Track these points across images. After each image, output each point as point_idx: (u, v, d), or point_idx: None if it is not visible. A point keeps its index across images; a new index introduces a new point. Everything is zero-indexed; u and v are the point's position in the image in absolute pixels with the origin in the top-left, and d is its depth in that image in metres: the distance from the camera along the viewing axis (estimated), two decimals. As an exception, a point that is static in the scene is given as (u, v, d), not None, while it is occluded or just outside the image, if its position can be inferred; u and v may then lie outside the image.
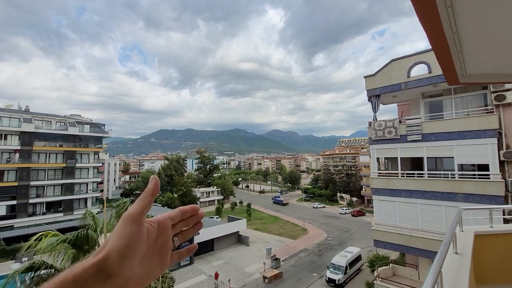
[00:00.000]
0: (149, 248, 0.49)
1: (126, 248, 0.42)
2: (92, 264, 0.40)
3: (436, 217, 12.45)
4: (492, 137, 11.45)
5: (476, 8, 1.71)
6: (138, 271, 0.45)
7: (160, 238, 0.51)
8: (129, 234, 0.43)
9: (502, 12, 1.73)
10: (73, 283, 0.38)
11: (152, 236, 0.49)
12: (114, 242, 0.42)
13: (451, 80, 2.77)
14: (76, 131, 42.23)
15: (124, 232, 0.43)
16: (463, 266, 2.26)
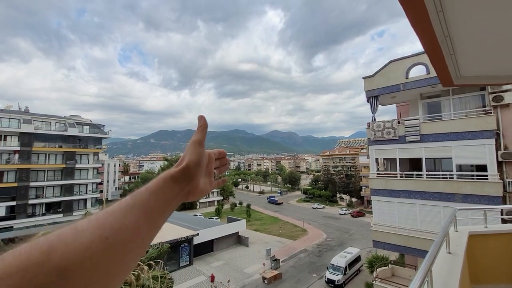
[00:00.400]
0: (205, 169, 0.66)
1: (198, 160, 0.60)
2: (181, 168, 0.57)
3: (434, 218, 12.48)
4: (490, 138, 11.50)
5: (466, 12, 1.74)
6: (201, 181, 0.63)
7: (209, 165, 0.69)
8: (199, 152, 0.62)
9: (492, 15, 1.77)
10: (171, 179, 0.56)
11: (206, 160, 0.66)
12: (190, 156, 0.60)
13: (445, 82, 2.82)
14: (75, 132, 42.25)
15: (196, 150, 0.61)
16: (455, 266, 2.29)
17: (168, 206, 0.54)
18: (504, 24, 1.82)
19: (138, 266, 6.59)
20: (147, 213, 0.47)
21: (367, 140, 15.58)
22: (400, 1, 1.46)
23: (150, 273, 5.98)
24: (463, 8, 1.68)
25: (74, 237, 0.36)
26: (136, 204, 0.47)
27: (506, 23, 1.82)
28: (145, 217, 0.47)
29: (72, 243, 0.34)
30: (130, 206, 0.46)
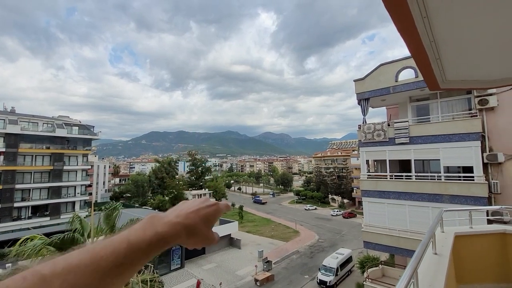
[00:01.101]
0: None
1: (193, 225, 0.56)
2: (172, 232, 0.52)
3: (423, 218, 12.72)
4: (476, 140, 11.82)
5: (450, 18, 1.78)
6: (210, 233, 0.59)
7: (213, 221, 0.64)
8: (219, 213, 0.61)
9: (475, 22, 1.81)
10: (161, 244, 0.51)
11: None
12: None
13: (432, 86, 2.88)
14: (64, 133, 41.27)
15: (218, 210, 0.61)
16: (441, 266, 2.34)
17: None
18: (487, 31, 1.88)
19: (127, 270, 6.46)
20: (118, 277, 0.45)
21: (358, 142, 15.79)
22: (386, 8, 1.48)
23: (139, 277, 5.85)
24: (447, 14, 1.72)
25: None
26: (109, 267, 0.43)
27: (488, 30, 1.87)
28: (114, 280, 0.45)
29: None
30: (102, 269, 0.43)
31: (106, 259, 0.43)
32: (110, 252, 0.44)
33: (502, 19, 1.71)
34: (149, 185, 75.04)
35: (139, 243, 0.48)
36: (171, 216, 0.55)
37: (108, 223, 7.35)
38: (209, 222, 0.59)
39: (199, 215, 0.57)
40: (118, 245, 0.46)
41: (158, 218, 0.54)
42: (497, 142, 11.85)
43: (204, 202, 0.60)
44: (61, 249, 5.95)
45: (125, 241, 0.47)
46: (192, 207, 0.58)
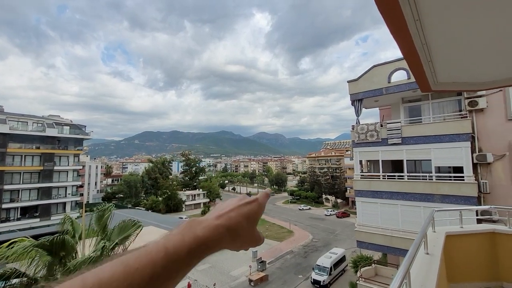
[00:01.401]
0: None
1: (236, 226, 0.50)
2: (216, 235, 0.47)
3: (415, 218, 12.90)
4: (466, 140, 12.05)
5: (442, 21, 1.81)
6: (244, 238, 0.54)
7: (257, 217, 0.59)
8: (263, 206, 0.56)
9: (466, 25, 1.84)
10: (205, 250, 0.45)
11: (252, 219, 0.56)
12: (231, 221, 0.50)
13: (423, 87, 2.92)
14: (54, 133, 40.48)
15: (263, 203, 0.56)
16: (433, 266, 2.37)
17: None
18: (477, 34, 1.91)
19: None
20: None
21: (352, 142, 15.93)
22: (379, 10, 1.49)
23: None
24: (439, 17, 1.74)
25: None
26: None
27: (478, 33, 1.90)
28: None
29: None
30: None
31: (142, 271, 0.37)
32: (146, 263, 0.38)
33: (492, 23, 1.73)
34: (142, 185, 74.30)
35: (178, 251, 0.41)
36: (211, 219, 0.49)
37: (100, 225, 7.24)
38: (253, 220, 0.53)
39: (241, 214, 0.51)
40: (154, 254, 0.39)
41: (197, 222, 0.47)
42: (486, 142, 12.11)
43: (243, 199, 0.55)
44: (50, 251, 5.82)
45: (163, 250, 0.40)
46: (232, 206, 0.53)
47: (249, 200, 0.55)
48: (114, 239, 7.37)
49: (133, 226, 7.82)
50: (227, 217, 0.50)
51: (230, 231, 0.49)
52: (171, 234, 0.45)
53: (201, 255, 0.44)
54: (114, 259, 0.38)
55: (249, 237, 0.53)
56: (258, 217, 0.55)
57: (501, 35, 1.90)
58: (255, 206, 0.54)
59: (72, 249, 5.99)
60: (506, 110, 11.71)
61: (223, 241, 0.48)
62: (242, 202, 0.54)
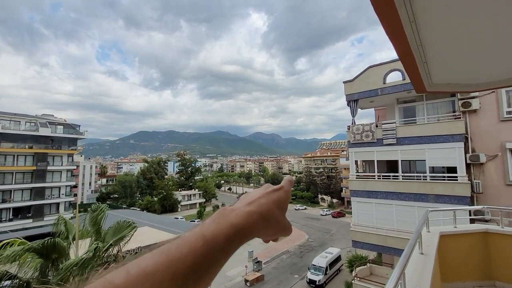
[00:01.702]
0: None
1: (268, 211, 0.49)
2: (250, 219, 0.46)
3: (410, 217, 13.03)
4: (459, 141, 12.21)
5: (437, 23, 1.82)
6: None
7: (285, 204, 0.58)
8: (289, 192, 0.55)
9: (460, 27, 1.86)
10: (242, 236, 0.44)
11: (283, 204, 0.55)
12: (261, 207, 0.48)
13: (418, 88, 2.94)
14: (48, 132, 39.95)
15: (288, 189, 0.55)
16: (427, 266, 2.39)
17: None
18: (471, 37, 1.93)
19: (113, 273, 6.30)
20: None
21: (347, 143, 16.02)
22: (376, 12, 1.50)
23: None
24: (434, 19, 1.76)
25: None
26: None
27: (472, 36, 1.93)
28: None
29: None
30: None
31: (184, 261, 0.36)
32: (187, 252, 0.37)
33: (485, 26, 1.76)
34: (137, 185, 73.73)
35: (216, 238, 0.40)
36: (242, 206, 0.48)
37: (94, 226, 7.15)
38: (283, 207, 0.52)
39: (272, 201, 0.50)
40: (194, 243, 0.38)
41: (229, 210, 0.46)
42: (479, 143, 12.28)
43: (269, 187, 0.54)
44: (41, 254, 5.72)
45: (201, 238, 0.39)
46: (260, 194, 0.51)
47: (276, 188, 0.54)
48: (109, 240, 7.29)
49: (128, 227, 7.74)
50: (258, 203, 0.49)
51: (264, 217, 0.48)
52: (204, 223, 0.44)
53: (238, 242, 0.44)
54: (154, 249, 0.37)
55: (281, 225, 0.52)
56: (287, 204, 0.54)
57: (495, 38, 1.93)
58: (283, 193, 0.54)
59: (64, 251, 5.90)
60: (499, 111, 11.89)
61: (258, 228, 0.47)
62: (269, 190, 0.53)
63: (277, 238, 0.53)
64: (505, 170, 11.52)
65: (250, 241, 0.57)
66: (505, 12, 1.62)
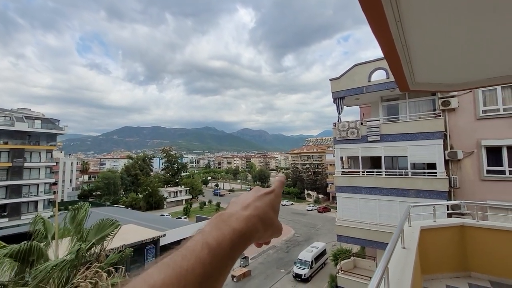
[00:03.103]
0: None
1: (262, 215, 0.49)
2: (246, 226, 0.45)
3: (391, 212, 13.49)
4: (439, 138, 12.71)
5: (420, 25, 1.87)
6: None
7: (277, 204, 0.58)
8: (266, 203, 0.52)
9: (443, 28, 1.92)
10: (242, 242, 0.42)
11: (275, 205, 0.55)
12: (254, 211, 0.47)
13: (402, 87, 3.01)
14: (24, 127, 38.04)
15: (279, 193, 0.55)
16: (409, 260, 2.48)
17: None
18: (452, 39, 2.00)
19: (96, 273, 6.13)
20: None
21: (333, 139, 16.29)
22: (363, 10, 1.50)
23: (109, 280, 5.60)
24: (418, 19, 1.80)
25: None
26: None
27: (453, 38, 1.99)
28: None
29: None
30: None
31: (193, 272, 0.34)
32: (194, 262, 0.35)
33: (466, 29, 1.82)
34: (121, 182, 71.91)
35: (221, 245, 0.38)
36: (239, 210, 0.46)
37: (75, 225, 6.90)
38: (276, 209, 0.53)
39: (266, 203, 0.50)
40: (199, 252, 0.36)
41: (227, 215, 0.45)
42: (457, 140, 12.85)
43: (259, 190, 0.54)
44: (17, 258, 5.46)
45: (206, 246, 0.37)
46: (253, 197, 0.50)
47: (268, 191, 0.54)
48: (91, 239, 7.08)
49: (111, 225, 7.54)
50: (254, 207, 0.48)
51: (262, 220, 0.47)
52: (204, 230, 0.42)
53: (242, 247, 0.43)
54: (158, 262, 0.35)
55: (276, 227, 0.52)
56: (279, 206, 0.55)
57: (474, 40, 2.00)
58: (275, 196, 0.54)
59: (41, 253, 5.66)
60: (475, 110, 12.46)
61: (258, 231, 0.46)
62: (261, 193, 0.53)
63: (270, 240, 0.54)
64: (480, 166, 12.12)
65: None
66: (486, 16, 1.68)
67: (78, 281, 5.76)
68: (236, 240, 0.41)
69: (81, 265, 6.38)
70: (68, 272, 5.59)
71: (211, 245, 0.38)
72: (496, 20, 1.72)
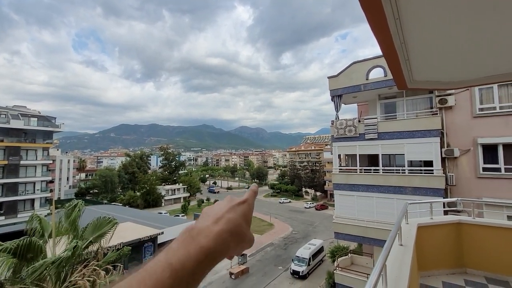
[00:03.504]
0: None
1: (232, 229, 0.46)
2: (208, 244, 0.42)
3: (389, 209, 13.58)
4: (436, 136, 12.78)
5: (419, 22, 1.87)
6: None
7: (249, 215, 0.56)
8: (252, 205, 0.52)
9: (440, 26, 1.92)
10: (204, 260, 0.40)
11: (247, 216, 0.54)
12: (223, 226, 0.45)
13: (400, 85, 3.02)
14: (20, 125, 37.70)
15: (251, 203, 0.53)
16: (406, 257, 2.51)
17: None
18: (450, 37, 2.00)
19: (94, 271, 6.12)
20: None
21: (331, 137, 16.32)
22: (362, 7, 1.50)
23: (107, 278, 5.59)
24: (416, 17, 1.81)
25: None
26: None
27: (453, 35, 1.99)
28: None
29: None
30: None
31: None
32: (153, 285, 0.33)
33: (466, 26, 1.83)
34: (119, 180, 71.67)
35: (185, 266, 0.36)
36: (210, 225, 0.44)
37: (69, 223, 6.87)
38: (249, 220, 0.50)
39: (239, 215, 0.48)
40: (160, 274, 0.34)
41: (197, 231, 0.42)
42: (453, 138, 12.93)
43: (233, 200, 0.51)
44: (15, 254, 5.43)
45: (167, 267, 0.35)
46: (225, 208, 0.48)
47: (241, 201, 0.51)
48: (88, 237, 7.05)
49: (109, 223, 7.52)
50: (226, 219, 0.46)
51: (234, 234, 0.45)
52: (171, 248, 0.40)
53: (210, 266, 0.41)
54: (117, 285, 0.34)
55: (248, 239, 0.49)
56: (251, 217, 0.52)
57: (471, 39, 2.01)
58: (247, 206, 0.51)
59: (40, 251, 5.64)
60: (472, 107, 12.53)
61: (229, 247, 0.44)
62: (234, 203, 0.50)
63: (241, 252, 0.51)
64: (476, 163, 12.22)
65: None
66: (485, 14, 1.69)
67: (76, 279, 5.75)
68: (203, 259, 0.39)
69: (78, 263, 6.36)
70: (65, 270, 5.58)
71: (174, 266, 0.36)
72: (495, 19, 1.73)
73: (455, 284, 3.47)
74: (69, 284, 5.56)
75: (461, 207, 10.35)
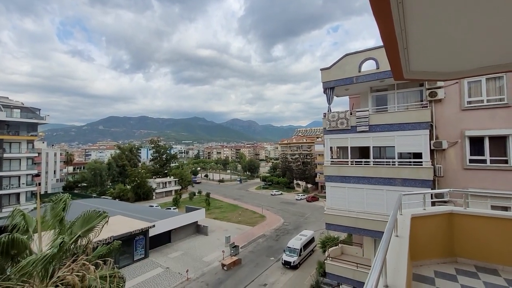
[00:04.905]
0: None
1: None
2: None
3: (379, 200, 13.84)
4: (425, 128, 12.98)
5: (421, 10, 1.83)
6: None
7: None
8: None
9: (441, 16, 1.88)
10: None
11: None
12: None
13: (397, 75, 2.98)
14: (2, 116, 36.23)
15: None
16: (402, 247, 2.52)
17: None
18: (451, 26, 1.96)
19: (83, 266, 5.98)
20: None
21: (323, 130, 16.36)
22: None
23: (97, 273, 5.46)
24: (418, 4, 1.77)
25: None
26: None
27: (452, 25, 1.95)
28: None
29: None
30: None
31: None
32: None
33: (466, 17, 1.80)
34: (108, 173, 70.50)
35: None
36: None
37: (55, 217, 6.64)
38: None
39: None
40: None
41: None
42: (442, 130, 13.17)
43: None
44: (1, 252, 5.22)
45: None
46: None
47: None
48: (77, 231, 6.87)
49: (98, 217, 7.34)
50: None
51: None
52: None
53: None
54: None
55: None
56: None
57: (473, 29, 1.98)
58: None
59: (24, 247, 5.44)
60: (460, 100, 12.75)
61: None
62: None
63: None
64: (463, 155, 12.52)
65: (228, 226, 0.42)
66: (483, 7, 1.66)
67: (64, 274, 5.60)
68: None
69: (66, 258, 6.19)
70: (53, 266, 5.41)
71: None
72: (494, 10, 1.70)
73: (446, 273, 3.56)
74: (57, 280, 5.41)
75: (448, 198, 10.62)
